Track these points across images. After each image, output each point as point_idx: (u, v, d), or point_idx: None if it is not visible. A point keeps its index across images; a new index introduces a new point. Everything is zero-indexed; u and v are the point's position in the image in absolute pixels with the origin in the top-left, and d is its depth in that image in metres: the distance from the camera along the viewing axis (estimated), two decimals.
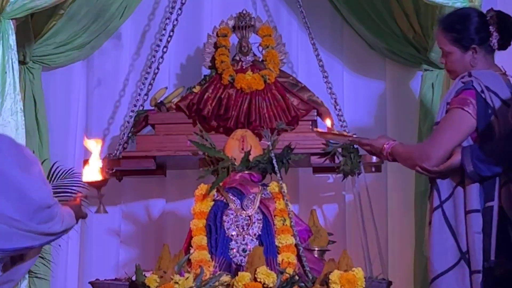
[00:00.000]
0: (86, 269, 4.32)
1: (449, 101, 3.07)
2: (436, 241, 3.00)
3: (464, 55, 3.16)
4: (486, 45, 3.15)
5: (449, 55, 3.20)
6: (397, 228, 4.19)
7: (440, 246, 2.99)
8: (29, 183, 2.56)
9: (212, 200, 3.44)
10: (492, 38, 3.14)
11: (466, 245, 2.94)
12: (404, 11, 4.13)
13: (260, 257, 3.19)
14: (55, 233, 2.67)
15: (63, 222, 2.70)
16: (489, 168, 2.91)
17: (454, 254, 2.97)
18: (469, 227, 2.94)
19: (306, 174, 4.20)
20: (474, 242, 2.92)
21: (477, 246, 2.91)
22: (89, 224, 4.29)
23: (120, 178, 4.06)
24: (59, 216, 2.68)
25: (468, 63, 3.15)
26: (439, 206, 3.01)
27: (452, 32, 3.18)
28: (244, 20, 4.07)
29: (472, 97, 3.01)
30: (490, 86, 3.01)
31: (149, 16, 4.50)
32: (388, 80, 4.36)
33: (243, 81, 3.91)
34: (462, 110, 3.01)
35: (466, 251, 2.95)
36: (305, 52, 4.33)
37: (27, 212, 2.55)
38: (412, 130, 4.14)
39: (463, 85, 3.05)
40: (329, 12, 4.42)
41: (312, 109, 3.96)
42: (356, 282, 3.14)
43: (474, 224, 2.93)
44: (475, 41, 3.15)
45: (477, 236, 2.92)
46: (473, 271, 2.92)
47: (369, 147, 3.31)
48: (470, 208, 2.94)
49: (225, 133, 3.84)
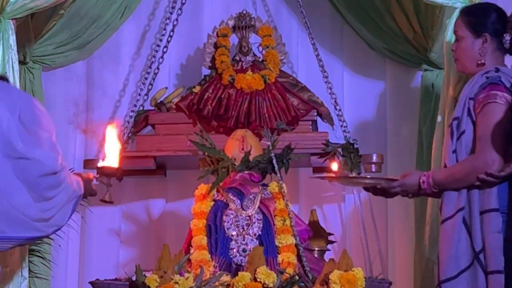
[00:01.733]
0: (86, 269, 4.32)
1: (472, 96, 3.05)
2: (452, 244, 2.96)
3: (474, 42, 3.17)
4: (498, 39, 3.16)
5: (461, 40, 3.21)
6: (397, 228, 4.19)
7: (454, 249, 2.96)
8: (32, 148, 2.62)
9: (212, 200, 3.45)
10: (506, 35, 3.15)
11: (481, 244, 2.91)
12: (404, 11, 4.13)
13: (260, 257, 3.19)
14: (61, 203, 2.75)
15: (69, 191, 2.77)
16: None
17: (468, 257, 2.94)
18: (486, 226, 2.90)
19: (306, 174, 4.20)
20: (493, 241, 2.88)
21: (497, 245, 2.88)
22: (89, 224, 4.29)
23: (120, 178, 4.05)
24: (66, 185, 2.71)
25: (476, 52, 3.16)
26: (462, 209, 2.98)
27: (470, 16, 3.21)
28: (244, 20, 4.08)
29: (504, 91, 2.99)
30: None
31: (149, 16, 4.50)
32: (388, 80, 4.36)
33: (243, 81, 3.91)
34: (495, 103, 2.98)
35: (480, 249, 2.91)
36: (305, 52, 4.33)
37: (33, 177, 2.61)
38: (412, 130, 4.15)
39: (487, 80, 3.03)
40: (329, 12, 4.42)
41: (312, 109, 3.96)
42: (356, 282, 3.14)
43: (493, 224, 2.89)
44: (488, 29, 3.16)
45: (497, 236, 2.89)
46: (492, 271, 2.87)
47: (399, 188, 3.17)
48: (489, 207, 2.91)
49: (225, 133, 3.84)
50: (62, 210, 2.81)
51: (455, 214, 2.99)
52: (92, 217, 4.31)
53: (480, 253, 2.91)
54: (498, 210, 2.91)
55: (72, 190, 2.82)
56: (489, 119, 2.98)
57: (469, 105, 3.06)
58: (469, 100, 3.06)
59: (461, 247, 2.95)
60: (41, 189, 2.69)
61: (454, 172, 3.03)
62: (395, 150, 4.27)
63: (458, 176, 3.01)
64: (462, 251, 2.95)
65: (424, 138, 3.99)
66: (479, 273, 2.91)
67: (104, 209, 4.39)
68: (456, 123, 3.09)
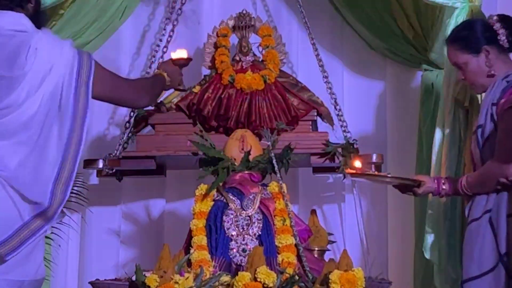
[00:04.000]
0: (86, 269, 4.32)
1: (495, 102, 3.05)
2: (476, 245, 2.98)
3: (478, 60, 3.19)
4: (496, 44, 3.17)
5: (464, 66, 3.23)
6: (397, 228, 4.19)
7: (478, 250, 2.97)
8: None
9: (212, 200, 3.44)
10: (500, 36, 3.16)
11: (505, 247, 2.92)
12: (404, 11, 4.13)
13: (260, 257, 3.19)
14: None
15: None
16: None
17: (492, 259, 2.95)
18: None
19: (306, 174, 4.20)
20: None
21: None
22: (89, 224, 4.30)
23: (120, 178, 4.06)
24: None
25: (484, 67, 3.17)
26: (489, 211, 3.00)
27: (459, 40, 3.23)
28: (244, 20, 4.08)
29: None
30: None
31: (149, 16, 4.50)
32: (388, 80, 4.36)
33: (243, 81, 3.91)
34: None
35: (505, 253, 2.92)
36: (305, 52, 4.33)
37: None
38: (412, 130, 4.14)
39: (507, 84, 3.04)
40: (329, 12, 4.42)
41: (312, 109, 3.96)
42: (356, 282, 3.13)
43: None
44: (483, 41, 3.17)
45: None
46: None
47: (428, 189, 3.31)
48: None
49: (225, 133, 3.84)
50: None
51: (482, 215, 3.00)
52: (92, 217, 4.32)
53: (504, 256, 2.93)
54: None
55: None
56: (508, 124, 3.00)
57: (492, 111, 3.07)
58: (491, 106, 3.07)
59: (486, 248, 2.97)
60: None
61: (477, 177, 3.12)
62: (395, 150, 4.27)
63: (480, 181, 3.09)
64: (487, 253, 2.97)
65: (424, 138, 3.98)
66: (502, 275, 2.93)
67: (104, 209, 4.40)
68: (481, 131, 3.11)
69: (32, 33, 2.90)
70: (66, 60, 2.89)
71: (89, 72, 2.91)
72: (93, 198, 4.30)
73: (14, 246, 2.76)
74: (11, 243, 2.76)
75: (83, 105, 2.87)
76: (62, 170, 2.83)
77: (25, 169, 2.80)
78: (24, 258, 2.83)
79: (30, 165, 2.80)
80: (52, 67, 2.85)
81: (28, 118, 2.82)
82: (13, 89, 2.80)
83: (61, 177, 2.83)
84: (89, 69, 2.92)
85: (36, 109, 2.83)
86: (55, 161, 2.82)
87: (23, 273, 2.84)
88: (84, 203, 4.03)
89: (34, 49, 2.84)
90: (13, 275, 2.81)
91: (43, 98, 2.83)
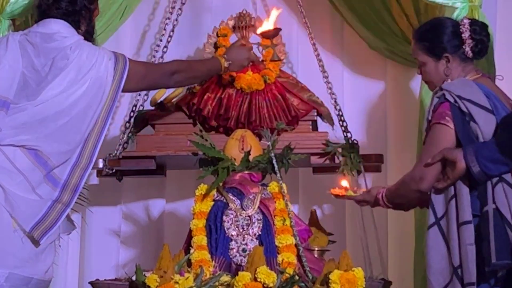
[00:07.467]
0: (86, 269, 4.32)
1: (430, 118, 3.07)
2: (433, 260, 2.96)
3: (437, 65, 3.19)
4: (459, 53, 3.16)
5: (423, 66, 3.24)
6: (397, 228, 4.19)
7: (437, 264, 2.95)
8: None
9: (212, 200, 3.44)
10: (465, 46, 3.14)
11: (458, 259, 2.89)
12: (404, 11, 4.13)
13: (260, 257, 3.19)
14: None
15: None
16: (497, 167, 2.85)
17: (449, 272, 2.92)
18: (462, 240, 2.89)
19: (306, 174, 4.20)
20: (467, 254, 2.86)
21: (470, 258, 2.86)
22: (89, 224, 4.30)
23: (120, 178, 4.06)
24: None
25: (442, 73, 3.18)
26: (434, 224, 2.97)
27: (424, 41, 3.22)
28: (244, 20, 4.08)
29: (447, 109, 2.99)
30: (462, 95, 2.98)
31: (149, 16, 4.50)
32: (388, 80, 4.37)
33: (243, 81, 3.91)
34: (440, 124, 3.00)
35: (458, 265, 2.89)
36: (305, 52, 4.33)
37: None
38: (412, 130, 4.14)
39: (438, 100, 3.05)
40: (329, 12, 4.43)
41: (312, 109, 3.96)
42: (356, 282, 3.13)
43: (466, 236, 2.87)
44: (447, 49, 3.17)
45: (469, 248, 2.86)
46: (467, 283, 2.86)
47: (366, 203, 3.39)
48: (462, 220, 2.89)
49: (225, 133, 3.84)
50: None
51: (435, 223, 2.99)
52: (92, 217, 4.32)
53: (458, 268, 2.89)
54: (470, 223, 2.88)
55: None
56: (432, 138, 3.03)
57: (426, 126, 3.10)
58: (427, 122, 3.09)
59: (442, 260, 2.96)
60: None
61: (396, 186, 3.20)
62: (395, 150, 4.27)
63: (398, 190, 3.18)
64: (443, 265, 2.95)
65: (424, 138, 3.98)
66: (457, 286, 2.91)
67: (104, 209, 4.41)
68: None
69: (76, 36, 3.27)
70: (105, 56, 3.21)
71: (123, 66, 3.24)
72: (93, 198, 4.30)
73: (47, 227, 2.98)
74: (44, 224, 2.98)
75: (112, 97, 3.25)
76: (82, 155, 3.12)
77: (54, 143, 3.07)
78: (35, 257, 3.01)
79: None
80: (95, 61, 3.18)
81: (71, 102, 3.13)
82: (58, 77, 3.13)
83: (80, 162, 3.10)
84: (124, 63, 3.25)
85: (79, 96, 3.14)
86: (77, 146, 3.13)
87: (32, 271, 3.02)
88: (84, 203, 4.03)
89: (78, 44, 3.19)
90: (23, 271, 2.99)
91: (88, 86, 3.16)
